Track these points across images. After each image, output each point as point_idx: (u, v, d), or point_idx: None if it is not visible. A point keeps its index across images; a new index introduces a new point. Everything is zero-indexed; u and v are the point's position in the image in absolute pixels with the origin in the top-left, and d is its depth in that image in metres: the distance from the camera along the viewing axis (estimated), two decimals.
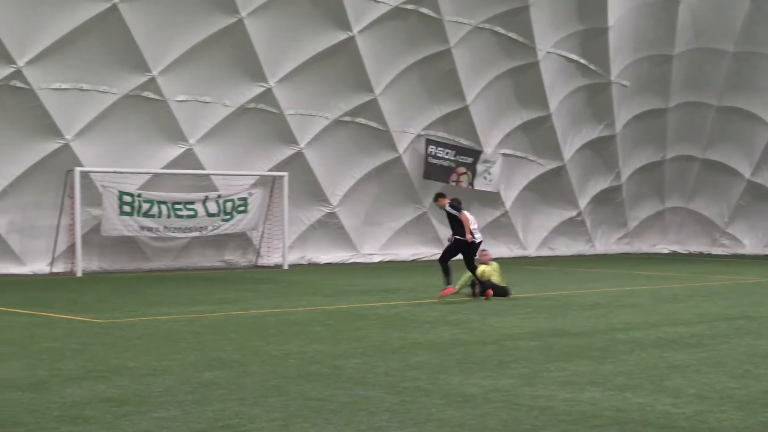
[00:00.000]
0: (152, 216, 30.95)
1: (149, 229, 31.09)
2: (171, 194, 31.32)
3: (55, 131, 29.15)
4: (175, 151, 31.79)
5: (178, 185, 31.88)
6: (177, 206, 31.42)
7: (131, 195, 30.58)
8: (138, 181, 31.19)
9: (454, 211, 21.44)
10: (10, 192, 28.87)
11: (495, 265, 22.91)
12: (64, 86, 29.01)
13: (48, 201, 29.66)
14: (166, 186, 31.70)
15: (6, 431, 8.67)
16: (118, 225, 30.36)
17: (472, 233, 21.27)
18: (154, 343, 14.36)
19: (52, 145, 29.26)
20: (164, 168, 31.63)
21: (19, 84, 28.11)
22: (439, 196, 22.00)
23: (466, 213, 21.66)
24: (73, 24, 28.24)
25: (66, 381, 11.15)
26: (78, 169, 29.39)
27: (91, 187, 29.93)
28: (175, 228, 31.44)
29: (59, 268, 29.79)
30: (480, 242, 21.80)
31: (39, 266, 29.82)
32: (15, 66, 27.81)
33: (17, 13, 27.40)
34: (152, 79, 30.34)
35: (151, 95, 30.63)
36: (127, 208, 30.44)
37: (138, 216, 30.57)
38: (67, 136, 29.42)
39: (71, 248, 29.73)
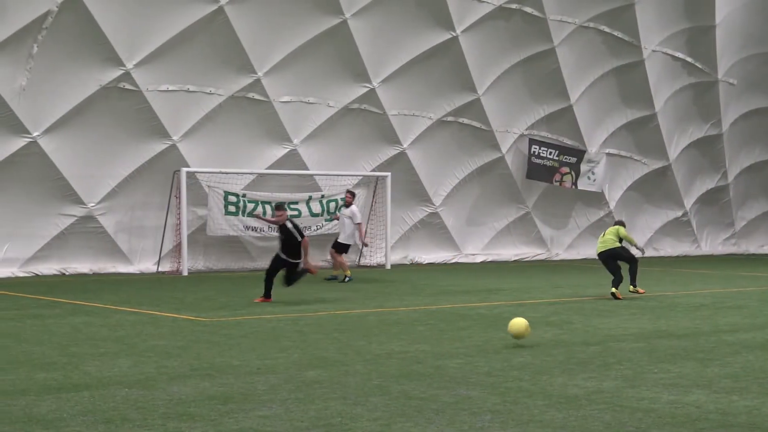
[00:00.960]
0: (257, 216, 31.20)
1: (254, 229, 31.38)
2: (275, 194, 31.56)
3: (162, 132, 29.59)
4: (280, 151, 32.06)
5: (282, 185, 32.13)
6: None
7: (236, 195, 30.91)
8: (243, 181, 31.51)
9: (296, 232, 20.74)
10: (119, 192, 29.37)
11: None
12: (171, 88, 29.43)
13: (155, 201, 30.10)
14: (271, 186, 31.98)
15: (114, 427, 8.83)
16: (224, 225, 30.71)
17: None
18: (259, 342, 14.51)
19: (160, 146, 29.70)
20: (268, 168, 31.90)
21: (127, 86, 28.58)
22: (279, 208, 21.50)
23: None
24: (180, 26, 28.64)
25: (172, 378, 11.32)
26: (184, 169, 29.79)
27: (197, 188, 30.30)
28: None
29: (166, 267, 30.23)
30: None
31: (146, 265, 30.29)
32: (124, 68, 28.28)
33: (126, 17, 27.85)
34: (257, 81, 30.64)
35: (256, 96, 30.93)
36: (232, 208, 30.76)
37: (243, 216, 30.87)
38: (174, 137, 29.84)
39: (177, 248, 30.13)
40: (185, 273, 29.51)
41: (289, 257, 20.82)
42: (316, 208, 32.52)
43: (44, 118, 27.65)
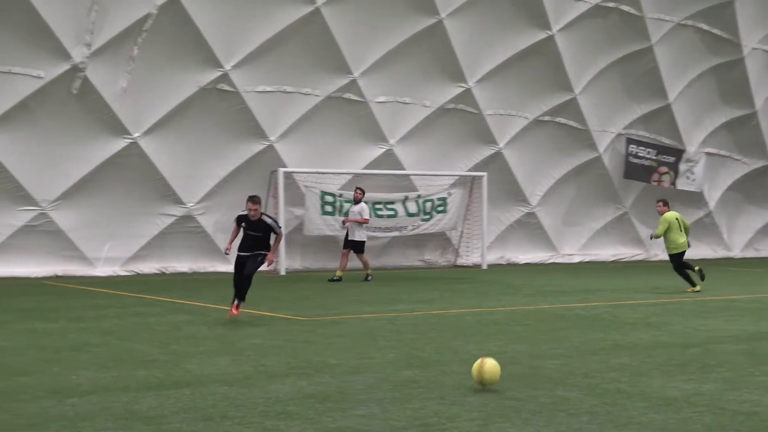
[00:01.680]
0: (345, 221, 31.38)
1: None
2: (371, 194, 31.66)
3: (259, 133, 29.86)
4: (376, 151, 32.16)
5: (378, 185, 32.21)
6: (377, 206, 31.76)
7: (333, 195, 31.07)
8: (339, 181, 31.67)
9: (276, 226, 18.27)
10: (218, 192, 29.69)
11: None
12: (268, 89, 29.69)
13: None
14: (367, 186, 31.96)
15: (213, 424, 8.93)
16: (321, 224, 30.89)
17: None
18: (355, 341, 14.56)
19: (257, 147, 29.97)
20: (365, 168, 32.02)
21: (226, 87, 28.89)
22: (256, 201, 18.09)
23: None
24: (278, 28, 28.87)
25: (270, 377, 11.41)
26: (282, 169, 30.02)
27: (294, 188, 30.51)
28: (375, 227, 31.76)
29: (263, 267, 30.33)
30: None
31: None
32: (222, 70, 28.59)
33: (224, 19, 28.15)
34: (353, 81, 30.78)
35: (353, 97, 31.07)
36: (328, 208, 30.94)
37: (339, 216, 31.01)
38: (272, 138, 30.09)
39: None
40: (283, 272, 29.72)
41: (253, 251, 18.13)
42: (412, 208, 32.58)
43: (144, 119, 28.08)
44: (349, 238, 27.74)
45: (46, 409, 9.52)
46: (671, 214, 24.21)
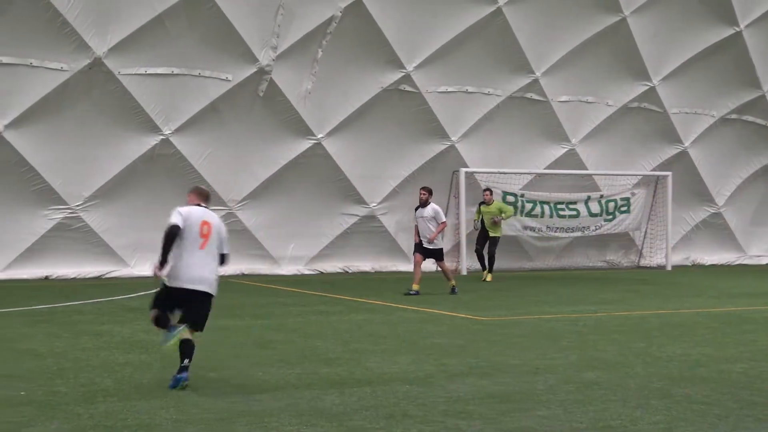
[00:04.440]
0: (535, 216, 31.25)
1: (532, 229, 31.40)
2: (553, 194, 31.48)
3: (441, 133, 29.97)
4: (558, 151, 31.93)
5: (560, 185, 31.98)
6: (559, 206, 31.55)
7: (514, 195, 30.98)
8: (521, 181, 31.56)
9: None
10: (400, 192, 29.89)
11: None
12: (450, 89, 29.77)
13: (434, 200, 30.38)
14: (548, 186, 31.89)
15: (395, 422, 9.02)
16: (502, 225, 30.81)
17: None
18: (537, 342, 14.50)
19: (439, 147, 30.09)
20: (546, 168, 31.83)
21: (408, 88, 29.07)
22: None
23: None
24: (459, 28, 28.91)
25: (451, 376, 11.46)
26: (463, 169, 30.06)
27: (476, 188, 30.49)
28: (557, 228, 31.57)
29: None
30: None
31: (426, 264, 30.65)
32: (404, 71, 28.79)
33: (406, 20, 28.31)
34: (535, 81, 30.62)
35: (534, 96, 30.91)
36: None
37: (521, 216, 30.91)
38: (453, 138, 30.16)
39: (456, 247, 30.40)
40: (464, 272, 29.75)
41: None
42: (594, 208, 32.24)
43: (328, 120, 28.49)
44: (424, 246, 22.81)
45: (234, 404, 9.78)
46: None
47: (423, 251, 22.88)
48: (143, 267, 26.67)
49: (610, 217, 32.46)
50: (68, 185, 26.04)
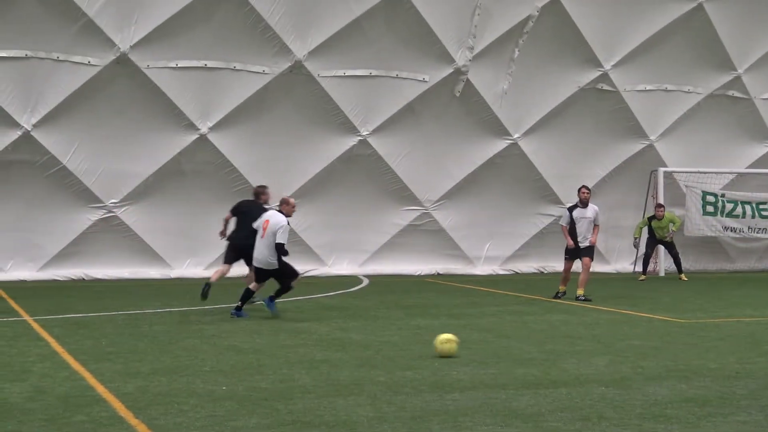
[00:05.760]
0: (736, 216, 30.50)
1: (732, 230, 30.66)
2: (756, 194, 30.68)
3: (639, 132, 29.56)
4: (761, 150, 31.13)
5: (762, 185, 31.15)
6: (762, 206, 30.70)
7: (714, 195, 30.33)
8: (721, 181, 30.87)
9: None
10: (596, 192, 29.55)
11: None
12: (648, 87, 29.36)
13: (632, 201, 30.12)
14: (751, 186, 31.09)
15: (590, 424, 8.98)
16: (701, 225, 30.22)
17: None
18: (737, 345, 14.20)
19: (637, 146, 29.69)
20: (748, 168, 31.06)
21: (605, 87, 28.80)
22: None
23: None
24: (658, 26, 28.48)
25: (648, 379, 11.33)
26: (662, 169, 29.60)
27: (674, 187, 29.99)
28: (759, 229, 30.75)
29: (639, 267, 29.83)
30: None
31: (623, 265, 30.40)
32: (602, 69, 28.51)
33: (604, 18, 28.02)
34: (737, 78, 29.91)
35: (737, 94, 30.20)
36: (710, 209, 30.22)
37: (721, 216, 30.26)
38: (651, 137, 29.72)
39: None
40: (662, 273, 29.32)
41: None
42: None
43: (524, 120, 28.44)
44: (581, 245, 21.26)
45: (429, 403, 9.89)
46: None
47: (578, 253, 21.27)
48: (341, 266, 27.21)
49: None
50: (269, 186, 26.59)
